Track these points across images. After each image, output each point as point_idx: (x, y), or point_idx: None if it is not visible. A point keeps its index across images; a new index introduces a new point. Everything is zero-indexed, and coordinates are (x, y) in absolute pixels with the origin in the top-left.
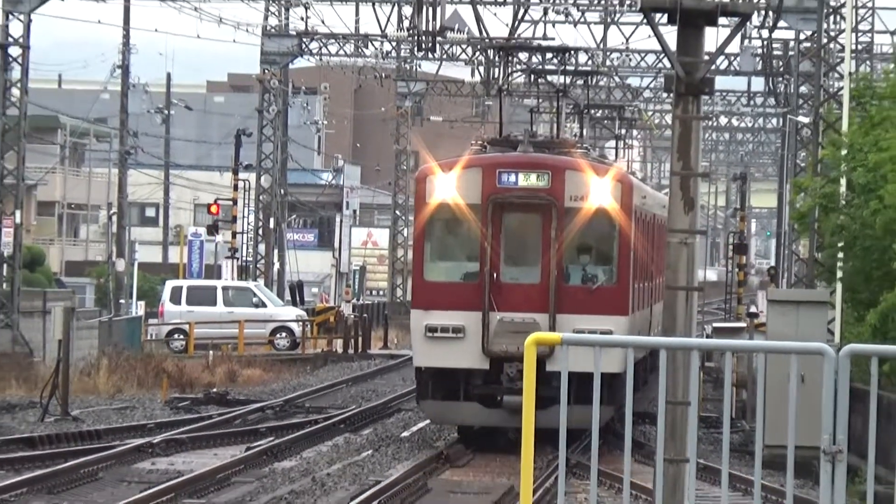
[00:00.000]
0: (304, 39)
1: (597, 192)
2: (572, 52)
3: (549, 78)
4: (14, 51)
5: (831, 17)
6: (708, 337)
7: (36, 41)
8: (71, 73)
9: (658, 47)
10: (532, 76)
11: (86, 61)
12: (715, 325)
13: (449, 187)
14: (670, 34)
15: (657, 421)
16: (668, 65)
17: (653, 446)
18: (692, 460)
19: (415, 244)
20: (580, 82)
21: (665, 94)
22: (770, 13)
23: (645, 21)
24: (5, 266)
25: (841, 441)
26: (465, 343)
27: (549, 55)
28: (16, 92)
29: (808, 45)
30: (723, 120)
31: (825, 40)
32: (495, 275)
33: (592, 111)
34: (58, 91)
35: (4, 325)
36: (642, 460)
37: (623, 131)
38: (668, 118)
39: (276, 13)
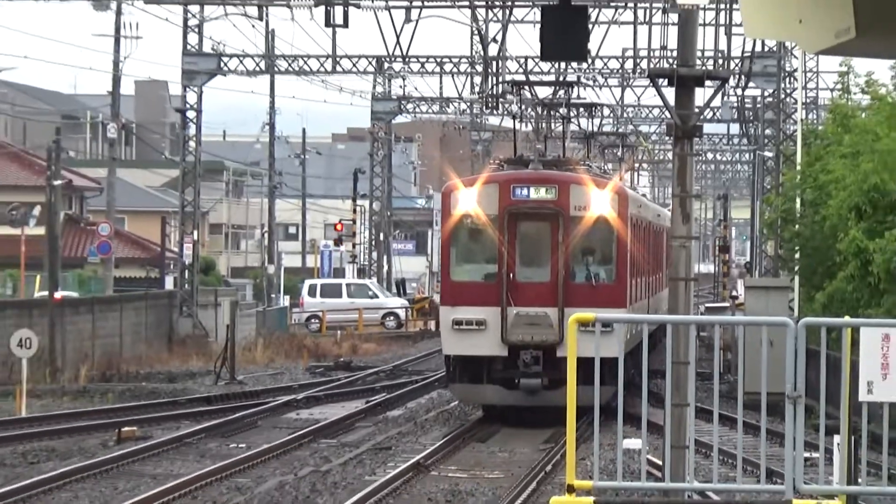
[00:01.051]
0: (403, 102)
1: (597, 203)
2: (597, 107)
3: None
4: (190, 114)
5: (787, 79)
6: (702, 314)
7: (206, 106)
8: (232, 129)
9: (661, 103)
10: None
11: (243, 120)
12: (706, 305)
13: (471, 200)
14: (670, 93)
15: (666, 376)
16: (668, 116)
17: (663, 394)
18: (691, 404)
19: (442, 250)
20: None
21: (667, 137)
22: (742, 77)
23: (651, 84)
24: (187, 271)
25: (800, 388)
26: (486, 334)
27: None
28: (192, 144)
29: (770, 99)
30: (709, 155)
31: (783, 96)
32: (511, 275)
33: (601, 138)
34: (223, 143)
35: (187, 314)
36: (656, 405)
37: (626, 155)
38: (670, 154)
39: (382, 83)
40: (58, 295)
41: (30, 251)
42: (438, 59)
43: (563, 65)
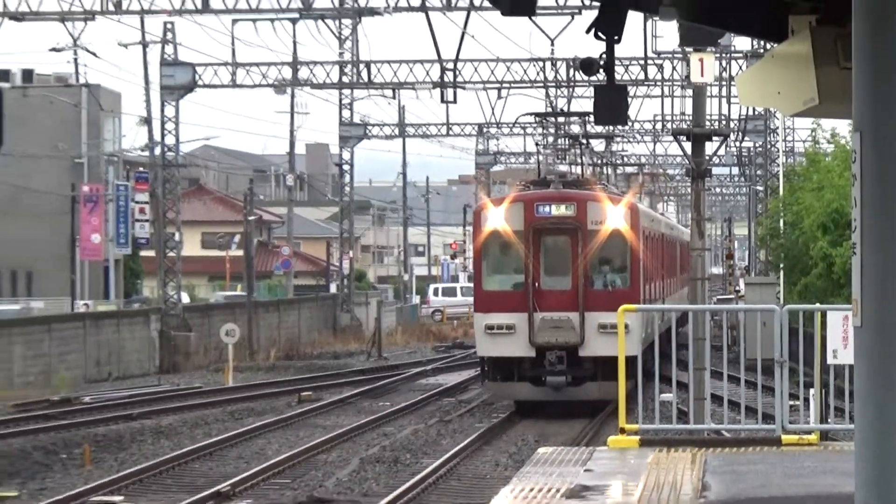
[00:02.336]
0: (497, 155)
1: (612, 217)
2: (613, 137)
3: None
4: (345, 167)
5: (771, 134)
6: (714, 304)
7: (356, 160)
8: (376, 176)
9: (682, 153)
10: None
11: (383, 170)
12: (717, 297)
13: (499, 218)
14: (688, 146)
15: (689, 348)
16: (687, 162)
17: (687, 361)
18: (707, 368)
19: (474, 262)
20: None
21: (686, 177)
22: (740, 133)
23: (674, 139)
24: (345, 280)
25: (785, 355)
26: (516, 337)
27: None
28: (347, 189)
29: (760, 148)
30: (717, 190)
31: (769, 146)
32: (537, 284)
33: (625, 168)
34: (369, 187)
35: (346, 310)
36: (682, 369)
37: (644, 178)
38: (689, 189)
39: (482, 142)
40: (234, 294)
41: (232, 267)
42: (521, 124)
43: (610, 127)
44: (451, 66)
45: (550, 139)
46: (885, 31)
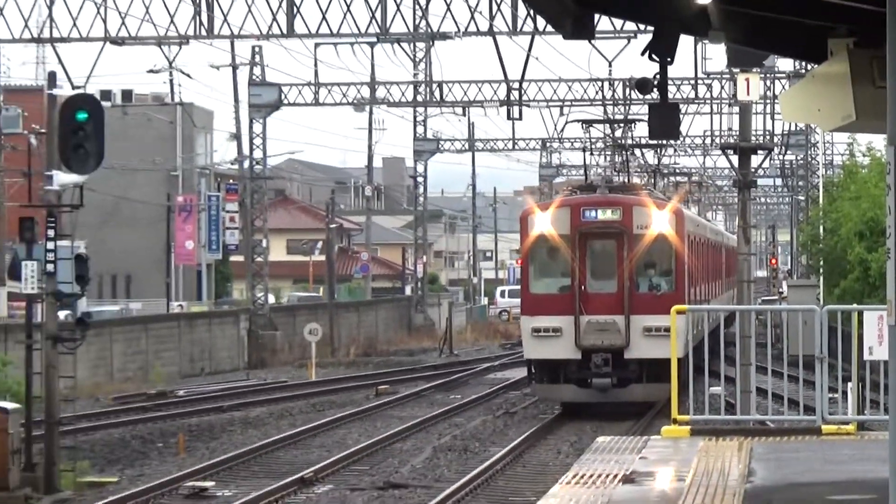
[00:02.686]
0: (560, 167)
1: (657, 222)
2: (663, 146)
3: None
4: (419, 178)
5: (812, 148)
6: (759, 304)
7: (430, 172)
8: (447, 187)
9: (729, 165)
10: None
11: (454, 181)
12: (763, 298)
13: (546, 222)
14: (735, 159)
15: (736, 345)
16: (735, 174)
17: (734, 357)
18: (753, 363)
19: (522, 266)
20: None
21: (734, 188)
22: (783, 147)
23: (723, 153)
24: (419, 283)
25: (824, 352)
26: (562, 339)
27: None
28: (421, 199)
29: (801, 161)
30: (762, 199)
31: (809, 159)
32: (583, 287)
33: (676, 177)
34: (441, 197)
35: (420, 311)
36: (730, 365)
37: (691, 187)
38: (736, 198)
39: (545, 155)
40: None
41: (315, 271)
42: (582, 140)
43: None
44: (516, 85)
45: (600, 145)
46: None
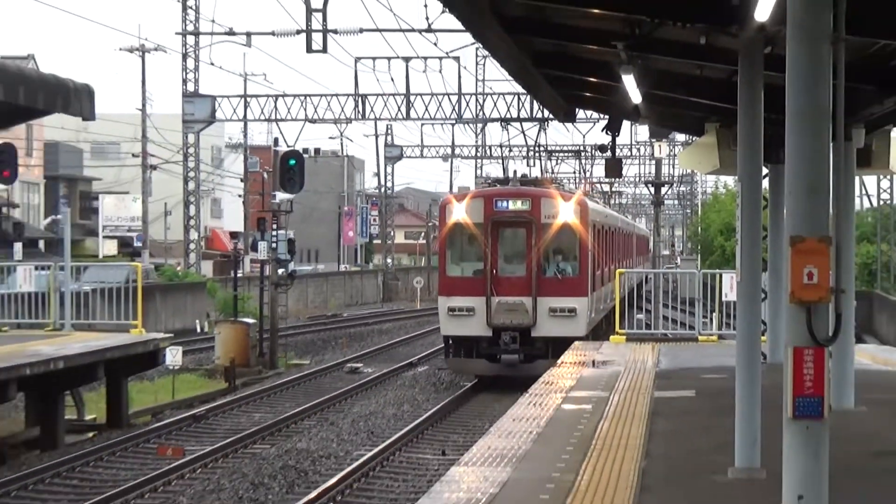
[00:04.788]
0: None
1: (563, 212)
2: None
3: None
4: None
5: (695, 183)
6: (664, 270)
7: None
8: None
9: (649, 192)
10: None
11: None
12: (666, 266)
13: (462, 211)
14: (653, 188)
15: (652, 293)
16: (652, 196)
17: (651, 300)
18: (661, 302)
19: (439, 251)
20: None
21: (653, 204)
22: (679, 182)
23: (646, 185)
24: None
25: (699, 296)
26: (475, 318)
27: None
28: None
29: (689, 190)
30: (667, 211)
31: (693, 189)
32: (494, 271)
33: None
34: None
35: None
36: (648, 302)
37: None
38: (652, 210)
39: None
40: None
41: (420, 251)
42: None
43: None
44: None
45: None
46: (753, 131)
